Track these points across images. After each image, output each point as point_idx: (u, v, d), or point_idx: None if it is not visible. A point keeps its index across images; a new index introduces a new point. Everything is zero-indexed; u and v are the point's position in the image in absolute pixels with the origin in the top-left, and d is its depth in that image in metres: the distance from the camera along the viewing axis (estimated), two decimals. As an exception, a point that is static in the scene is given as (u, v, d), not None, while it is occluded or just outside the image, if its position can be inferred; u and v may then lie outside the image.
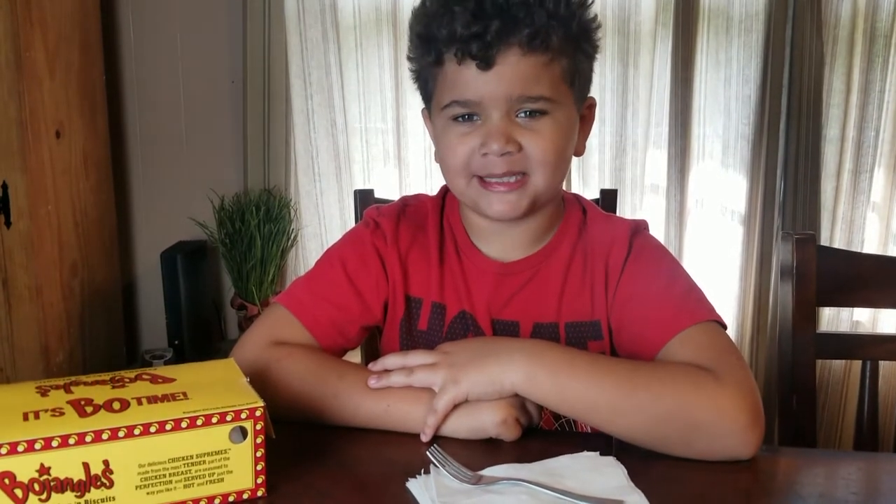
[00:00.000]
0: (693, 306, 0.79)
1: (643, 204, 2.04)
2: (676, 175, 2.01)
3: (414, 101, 1.97)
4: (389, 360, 0.77)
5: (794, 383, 0.98)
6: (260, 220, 1.88)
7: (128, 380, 0.65)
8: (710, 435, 0.68)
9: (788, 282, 0.98)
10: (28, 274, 1.54)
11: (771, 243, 2.03)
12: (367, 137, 2.02)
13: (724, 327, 0.79)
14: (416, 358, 0.75)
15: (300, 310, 0.83)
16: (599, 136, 2.00)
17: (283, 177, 1.98)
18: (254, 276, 1.92)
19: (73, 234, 1.71)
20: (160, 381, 0.66)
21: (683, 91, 1.97)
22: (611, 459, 0.69)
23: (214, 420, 0.61)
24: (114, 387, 0.64)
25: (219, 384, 0.66)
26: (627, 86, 1.97)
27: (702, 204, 2.08)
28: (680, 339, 0.76)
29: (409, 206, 0.91)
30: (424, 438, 0.72)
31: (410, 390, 0.74)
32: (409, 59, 0.85)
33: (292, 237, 1.98)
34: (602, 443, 0.72)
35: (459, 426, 0.72)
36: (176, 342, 1.90)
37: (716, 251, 2.08)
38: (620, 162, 2.01)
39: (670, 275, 0.83)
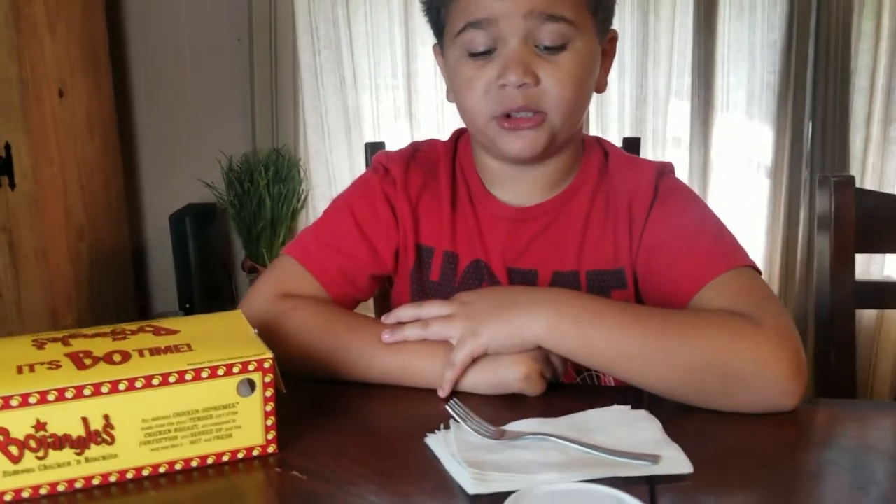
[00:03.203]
0: (726, 251, 0.75)
1: (665, 156, 1.99)
2: (699, 126, 1.96)
3: (425, 52, 1.91)
4: (403, 313, 0.73)
5: (832, 334, 0.94)
6: (269, 180, 1.84)
7: (129, 332, 0.63)
8: (749, 385, 0.65)
9: (826, 227, 0.93)
10: (34, 236, 1.51)
11: (798, 196, 1.98)
12: (378, 93, 1.97)
13: (759, 273, 0.75)
14: (432, 309, 0.72)
15: (308, 260, 0.80)
16: (619, 87, 1.95)
17: (292, 136, 1.94)
18: (264, 239, 1.88)
19: (79, 196, 1.69)
20: (163, 332, 0.63)
21: (706, 38, 1.91)
22: (643, 413, 0.65)
23: (221, 372, 0.58)
24: (115, 339, 0.61)
25: (225, 336, 0.63)
26: (648, 33, 1.91)
27: (726, 156, 2.02)
28: (713, 286, 0.72)
29: (420, 151, 0.87)
30: (442, 394, 0.68)
31: (426, 344, 0.70)
32: None
33: (302, 198, 1.94)
34: (633, 397, 0.68)
35: (479, 381, 0.69)
36: (187, 306, 1.88)
37: (741, 205, 2.04)
38: (641, 113, 1.96)
39: (700, 219, 0.79)
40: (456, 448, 0.58)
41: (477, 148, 0.84)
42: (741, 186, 2.03)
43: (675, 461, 0.58)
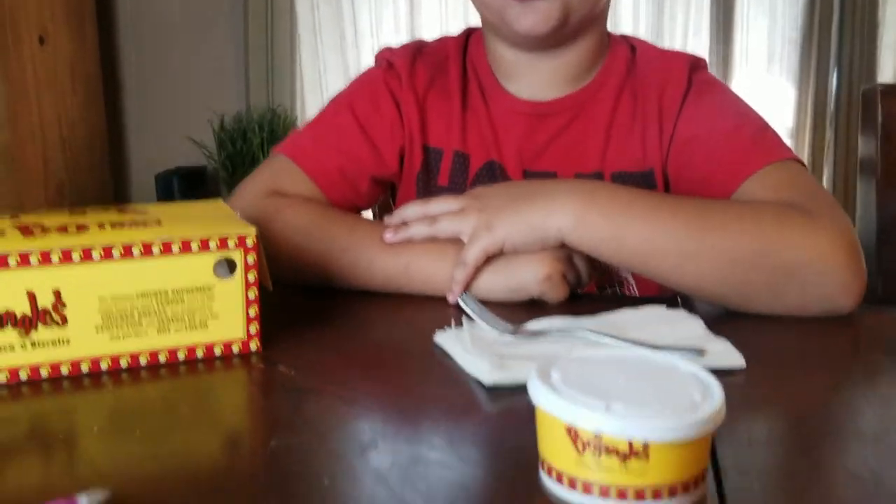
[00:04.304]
0: (769, 144, 0.67)
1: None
2: (716, 83, 1.88)
3: (430, 3, 1.84)
4: (409, 211, 0.65)
5: (878, 264, 0.85)
6: (263, 139, 1.75)
7: (92, 211, 0.54)
8: (803, 279, 0.57)
9: (871, 141, 0.85)
10: (9, 190, 1.43)
11: (822, 160, 1.92)
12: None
13: (806, 168, 0.68)
14: (441, 205, 0.64)
15: (304, 158, 0.73)
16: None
17: (289, 95, 1.87)
18: (259, 203, 1.80)
19: (60, 152, 1.60)
20: (130, 211, 0.55)
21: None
22: (682, 312, 0.58)
23: (195, 247, 0.50)
24: (73, 214, 0.53)
25: (202, 216, 0.54)
26: (663, -14, 1.84)
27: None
28: (756, 180, 0.64)
29: (428, 46, 0.80)
30: (452, 298, 0.60)
31: (434, 243, 0.62)
32: None
33: (299, 160, 1.86)
34: (667, 302, 0.60)
35: (494, 284, 0.61)
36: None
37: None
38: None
39: (740, 111, 0.71)
40: (470, 344, 0.50)
41: (489, 35, 0.76)
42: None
43: (725, 354, 0.50)
